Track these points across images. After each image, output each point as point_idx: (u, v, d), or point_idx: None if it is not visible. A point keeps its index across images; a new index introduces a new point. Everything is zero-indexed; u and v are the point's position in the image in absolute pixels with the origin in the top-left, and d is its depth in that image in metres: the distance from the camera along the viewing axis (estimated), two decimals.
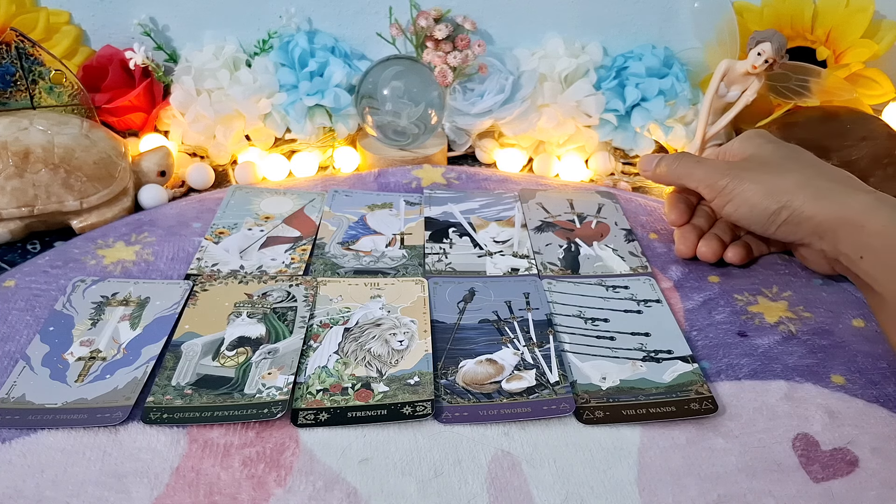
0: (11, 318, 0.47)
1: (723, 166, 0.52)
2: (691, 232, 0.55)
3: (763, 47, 0.61)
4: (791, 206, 0.48)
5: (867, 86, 0.70)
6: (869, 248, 0.44)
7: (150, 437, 0.39)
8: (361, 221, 0.60)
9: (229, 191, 0.63)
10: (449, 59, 0.68)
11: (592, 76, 0.72)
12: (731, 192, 0.51)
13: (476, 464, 0.39)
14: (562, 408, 0.42)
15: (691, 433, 0.41)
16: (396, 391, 0.42)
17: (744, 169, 0.51)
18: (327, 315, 0.49)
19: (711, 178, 0.52)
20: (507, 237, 0.58)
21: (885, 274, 0.43)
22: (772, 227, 0.50)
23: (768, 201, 0.49)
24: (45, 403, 0.41)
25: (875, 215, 0.44)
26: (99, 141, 0.61)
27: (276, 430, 0.40)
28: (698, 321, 0.50)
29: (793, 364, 0.46)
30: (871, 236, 0.44)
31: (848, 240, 0.46)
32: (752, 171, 0.50)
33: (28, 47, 0.62)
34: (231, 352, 0.45)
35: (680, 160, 0.55)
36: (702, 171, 0.53)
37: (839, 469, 0.39)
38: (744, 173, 0.51)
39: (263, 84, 0.69)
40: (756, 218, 0.50)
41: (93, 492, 0.36)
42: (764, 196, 0.49)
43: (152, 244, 0.56)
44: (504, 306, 0.50)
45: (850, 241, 0.45)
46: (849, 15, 0.68)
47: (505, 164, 0.72)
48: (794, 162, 0.50)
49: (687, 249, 0.55)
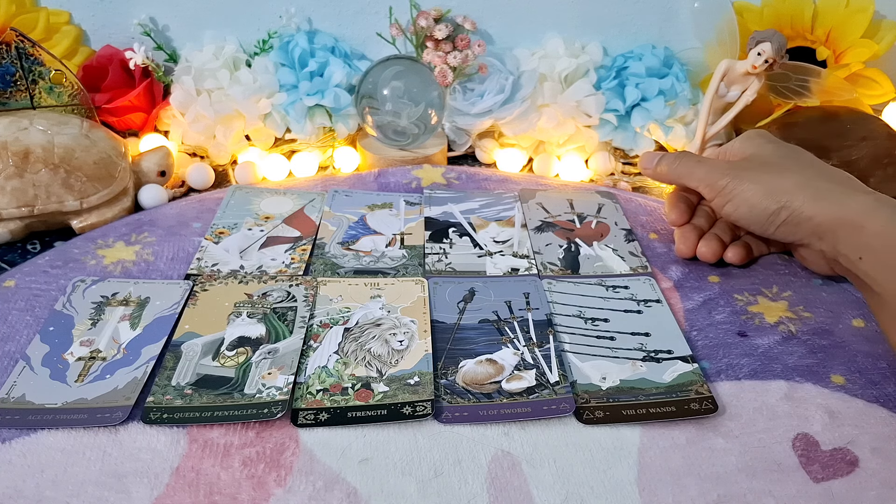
0: (11, 318, 0.47)
1: (723, 166, 0.52)
2: (691, 232, 0.55)
3: (763, 47, 0.61)
4: (791, 207, 0.48)
5: (867, 86, 0.70)
6: (868, 248, 0.44)
7: (150, 437, 0.39)
8: (361, 221, 0.60)
9: (229, 191, 0.63)
10: (449, 59, 0.68)
11: (592, 76, 0.72)
12: (731, 191, 0.51)
13: (476, 464, 0.39)
14: (562, 408, 0.42)
15: (691, 433, 0.41)
16: (396, 391, 0.42)
17: (744, 169, 0.51)
18: (327, 315, 0.49)
19: (711, 178, 0.52)
20: (507, 237, 0.58)
21: (884, 274, 0.43)
22: (771, 227, 0.50)
23: (768, 201, 0.49)
24: (45, 403, 0.41)
25: (874, 216, 0.44)
26: (99, 141, 0.61)
27: (276, 430, 0.40)
28: (698, 321, 0.50)
29: (793, 364, 0.46)
30: (870, 237, 0.44)
31: (847, 240, 0.46)
32: (752, 171, 0.50)
33: (28, 47, 0.62)
34: (231, 352, 0.45)
35: (681, 159, 0.55)
36: (702, 170, 0.53)
37: (839, 469, 0.39)
38: (744, 173, 0.51)
39: (263, 84, 0.69)
40: (755, 218, 0.50)
41: (93, 492, 0.36)
42: (763, 196, 0.49)
43: (152, 244, 0.56)
44: (504, 306, 0.50)
45: (850, 242, 0.45)
46: (849, 15, 0.68)
47: (505, 164, 0.72)
48: (793, 162, 0.50)
49: (687, 249, 0.55)
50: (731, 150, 0.54)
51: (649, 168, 0.56)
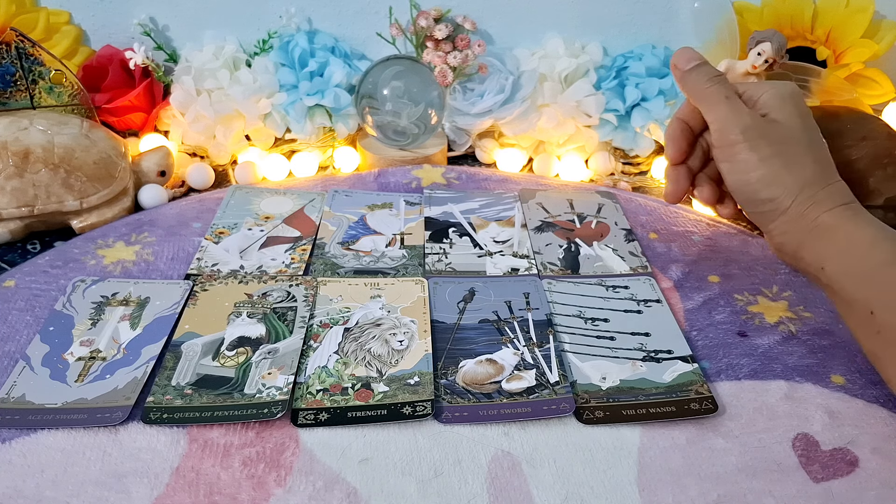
0: (11, 318, 0.47)
1: (746, 118, 0.47)
2: (685, 175, 0.52)
3: (763, 47, 0.61)
4: (777, 205, 0.46)
5: (867, 86, 0.70)
6: (830, 259, 0.44)
7: (150, 437, 0.39)
8: (361, 221, 0.60)
9: (229, 191, 0.63)
10: (449, 59, 0.68)
11: (592, 76, 0.72)
12: (736, 154, 0.47)
13: (476, 464, 0.39)
14: (562, 408, 0.42)
15: (691, 433, 0.41)
16: (396, 391, 0.42)
17: (761, 137, 0.47)
18: (327, 315, 0.49)
19: (728, 125, 0.47)
20: (507, 237, 0.58)
21: (849, 281, 0.43)
22: (748, 206, 0.48)
23: (761, 185, 0.46)
24: (45, 403, 0.41)
25: (841, 229, 0.44)
26: (99, 141, 0.61)
27: (276, 430, 0.40)
28: (698, 321, 0.50)
29: (793, 364, 0.46)
30: (834, 249, 0.44)
31: (812, 249, 0.45)
32: (767, 146, 0.47)
33: (28, 47, 0.62)
34: (231, 352, 0.45)
35: (713, 84, 0.49)
36: (725, 110, 0.48)
37: (839, 469, 0.39)
38: (759, 142, 0.47)
39: (263, 84, 0.69)
40: (741, 190, 0.48)
41: (93, 492, 0.36)
42: (760, 178, 0.46)
43: (152, 244, 0.56)
44: (504, 306, 0.50)
45: (814, 251, 0.45)
46: (849, 15, 0.68)
47: (505, 164, 0.72)
48: (806, 150, 0.47)
49: (676, 194, 0.52)
50: (762, 100, 0.49)
51: (680, 69, 0.51)
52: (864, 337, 0.43)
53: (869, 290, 0.42)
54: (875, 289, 0.42)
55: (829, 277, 0.44)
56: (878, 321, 0.41)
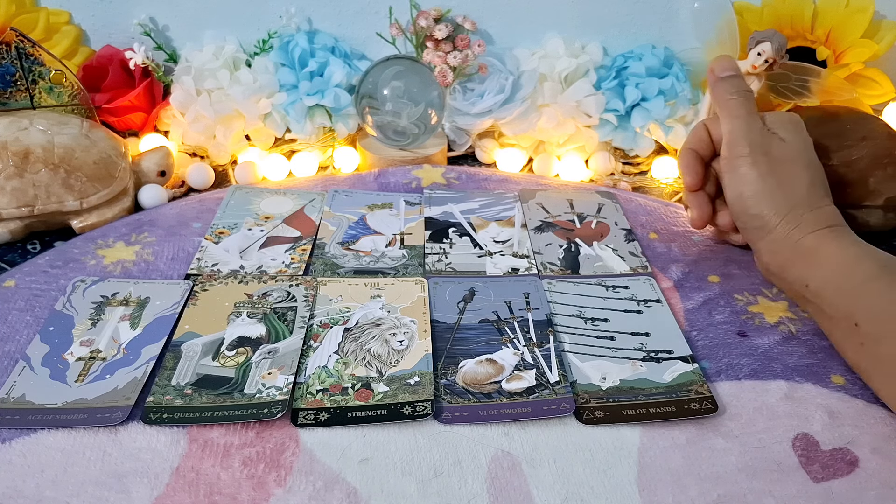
0: (11, 318, 0.47)
1: (757, 135, 0.49)
2: (706, 201, 0.53)
3: (763, 47, 0.61)
4: (765, 223, 0.48)
5: (867, 86, 0.70)
6: (813, 276, 0.45)
7: (150, 437, 0.39)
8: (361, 221, 0.60)
9: (229, 191, 0.63)
10: (449, 59, 0.68)
11: (592, 76, 0.72)
12: (738, 167, 0.49)
13: (476, 464, 0.39)
14: (562, 408, 0.42)
15: (691, 433, 0.41)
16: (396, 391, 0.42)
17: (765, 153, 0.49)
18: (327, 315, 0.49)
19: (741, 137, 0.49)
20: (507, 237, 0.58)
21: (833, 296, 0.44)
22: (739, 219, 0.50)
23: (754, 202, 0.48)
24: (45, 403, 0.41)
25: (824, 250, 0.45)
26: (99, 141, 0.61)
27: (276, 430, 0.40)
28: (698, 321, 0.50)
29: (793, 364, 0.46)
30: (819, 266, 0.45)
31: (795, 270, 0.47)
32: (768, 164, 0.49)
33: (28, 47, 0.62)
34: (231, 352, 0.45)
35: (740, 98, 0.51)
36: (743, 123, 0.50)
37: (839, 469, 0.39)
38: (761, 159, 0.48)
39: (263, 84, 0.69)
40: (735, 203, 0.50)
41: (93, 492, 0.36)
42: (753, 194, 0.49)
43: (152, 244, 0.56)
44: (504, 306, 0.50)
45: (797, 272, 0.47)
46: (849, 15, 0.68)
47: (505, 164, 0.72)
48: (803, 178, 0.49)
49: (702, 219, 0.53)
50: (770, 118, 0.51)
51: (718, 74, 0.52)
52: (849, 349, 0.44)
53: (853, 303, 0.43)
54: (859, 301, 0.43)
55: (814, 293, 0.45)
56: (862, 332, 0.42)
